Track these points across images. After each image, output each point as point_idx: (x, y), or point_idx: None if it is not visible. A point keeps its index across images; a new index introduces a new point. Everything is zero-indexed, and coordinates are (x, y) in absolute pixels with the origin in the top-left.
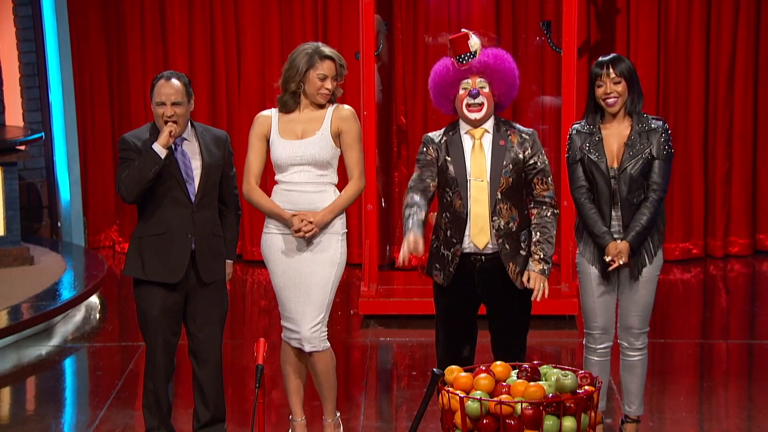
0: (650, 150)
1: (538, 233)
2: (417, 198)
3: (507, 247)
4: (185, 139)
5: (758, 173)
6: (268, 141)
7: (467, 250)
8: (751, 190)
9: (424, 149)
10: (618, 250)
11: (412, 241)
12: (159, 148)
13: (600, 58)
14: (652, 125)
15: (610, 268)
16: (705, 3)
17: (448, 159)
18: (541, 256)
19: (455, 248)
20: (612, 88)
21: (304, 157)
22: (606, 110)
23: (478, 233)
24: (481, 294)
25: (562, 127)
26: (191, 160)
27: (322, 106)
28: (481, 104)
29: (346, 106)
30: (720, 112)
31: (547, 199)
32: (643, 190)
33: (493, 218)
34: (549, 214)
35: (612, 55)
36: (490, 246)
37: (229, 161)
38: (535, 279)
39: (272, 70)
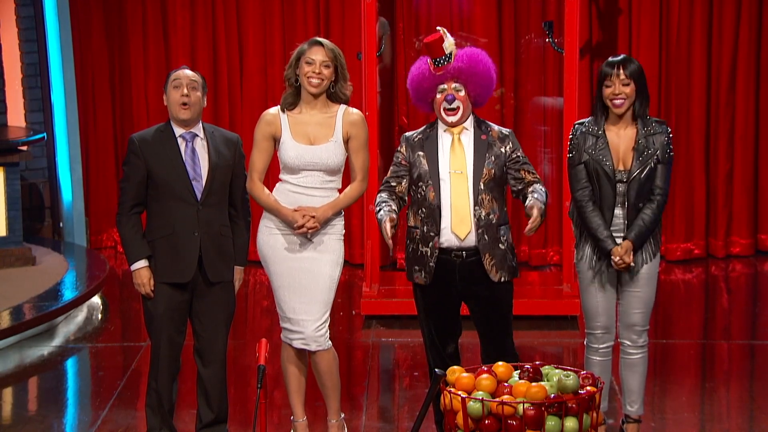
0: (657, 155)
1: (535, 192)
2: (384, 195)
3: (486, 238)
4: (197, 135)
5: (760, 173)
6: (274, 141)
7: (445, 245)
8: (753, 190)
9: (399, 149)
10: (624, 250)
11: (387, 221)
12: (133, 267)
13: (610, 58)
14: (658, 129)
15: (617, 267)
16: (706, 3)
17: (421, 154)
18: (541, 202)
19: (433, 241)
20: (621, 89)
21: (318, 163)
22: (612, 111)
23: (459, 223)
24: (461, 291)
25: (563, 127)
26: (200, 159)
27: (331, 108)
28: (457, 108)
29: (356, 110)
30: (722, 112)
31: (539, 182)
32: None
33: (475, 208)
34: (542, 186)
35: (622, 56)
36: (471, 237)
37: (240, 164)
38: (538, 209)
39: (274, 70)
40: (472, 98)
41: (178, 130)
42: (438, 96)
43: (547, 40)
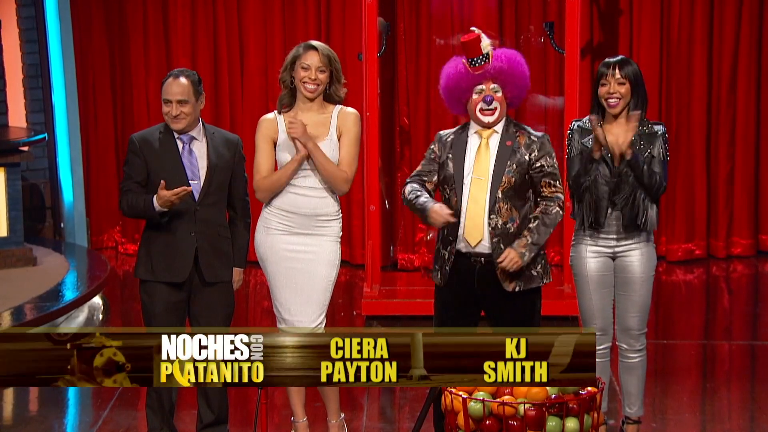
0: (650, 152)
1: (537, 221)
2: (416, 185)
3: (502, 247)
4: (194, 138)
5: (761, 174)
6: (274, 143)
7: (463, 249)
8: (754, 191)
9: (432, 146)
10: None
11: (438, 208)
12: (158, 208)
13: (607, 59)
14: (654, 129)
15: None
16: (707, 3)
17: (450, 156)
18: (529, 240)
19: (451, 246)
20: (615, 89)
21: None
22: (607, 110)
23: (472, 230)
24: (480, 297)
25: (564, 128)
26: (198, 159)
27: (327, 108)
28: (495, 108)
29: (351, 109)
30: (723, 112)
31: (554, 199)
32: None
33: (491, 216)
34: (553, 210)
35: (620, 57)
36: (484, 244)
37: (240, 165)
38: (509, 255)
39: (275, 71)
40: (508, 99)
41: (177, 132)
42: (475, 97)
43: (542, 39)
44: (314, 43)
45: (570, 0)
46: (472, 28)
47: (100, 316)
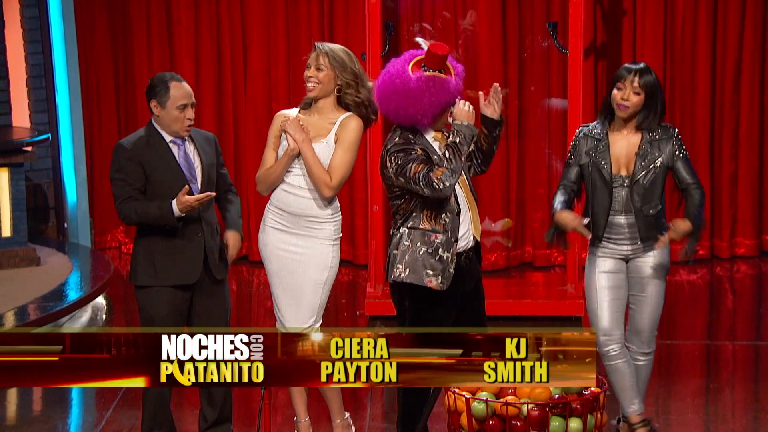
0: (662, 159)
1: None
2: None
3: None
4: (185, 139)
5: (765, 174)
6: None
7: (470, 245)
8: (758, 191)
9: (412, 151)
10: (682, 229)
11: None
12: (178, 213)
13: (630, 64)
14: (663, 135)
15: (660, 243)
16: (711, 4)
17: (435, 159)
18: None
19: (454, 247)
20: (629, 96)
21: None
22: (616, 112)
23: (476, 225)
24: (466, 290)
25: (567, 128)
26: (192, 161)
27: (337, 112)
28: None
29: (356, 117)
30: (726, 113)
31: None
32: (659, 202)
33: (478, 209)
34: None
35: (643, 65)
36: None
37: (220, 159)
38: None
39: (278, 71)
40: None
41: (168, 136)
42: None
43: (546, 42)
44: (318, 43)
45: (573, 0)
46: (418, 40)
47: (104, 317)
